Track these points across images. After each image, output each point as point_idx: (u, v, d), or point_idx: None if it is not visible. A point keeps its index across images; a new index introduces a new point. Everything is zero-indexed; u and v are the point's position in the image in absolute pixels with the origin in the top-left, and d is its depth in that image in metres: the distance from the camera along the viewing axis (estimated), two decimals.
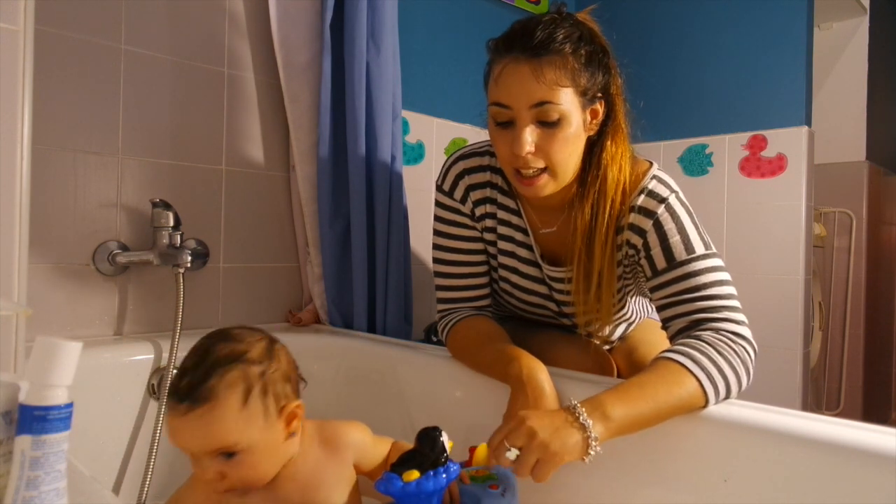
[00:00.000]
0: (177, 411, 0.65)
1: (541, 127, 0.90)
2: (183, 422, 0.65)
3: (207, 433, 0.65)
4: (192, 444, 0.66)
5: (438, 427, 0.72)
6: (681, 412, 0.81)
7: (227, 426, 0.66)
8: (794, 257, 1.87)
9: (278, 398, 0.70)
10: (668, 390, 0.79)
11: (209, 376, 0.66)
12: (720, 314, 0.87)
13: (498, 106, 0.92)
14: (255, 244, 1.49)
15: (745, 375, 0.84)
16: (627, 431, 0.78)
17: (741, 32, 1.99)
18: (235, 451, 0.66)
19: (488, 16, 1.99)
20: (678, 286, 0.91)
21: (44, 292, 1.18)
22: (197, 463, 0.67)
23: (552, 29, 0.89)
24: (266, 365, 0.70)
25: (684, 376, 0.80)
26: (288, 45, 1.44)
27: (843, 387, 2.61)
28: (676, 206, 0.94)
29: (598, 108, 0.95)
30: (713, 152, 2.04)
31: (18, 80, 0.73)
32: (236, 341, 0.70)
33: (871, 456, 0.68)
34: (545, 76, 0.87)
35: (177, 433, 0.66)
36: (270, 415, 0.69)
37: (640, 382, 0.80)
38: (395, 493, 0.67)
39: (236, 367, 0.68)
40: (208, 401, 0.65)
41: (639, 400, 0.77)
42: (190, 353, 0.69)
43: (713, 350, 0.83)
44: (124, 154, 1.28)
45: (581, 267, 0.97)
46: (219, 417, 0.65)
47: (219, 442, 0.66)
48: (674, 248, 0.92)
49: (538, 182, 0.93)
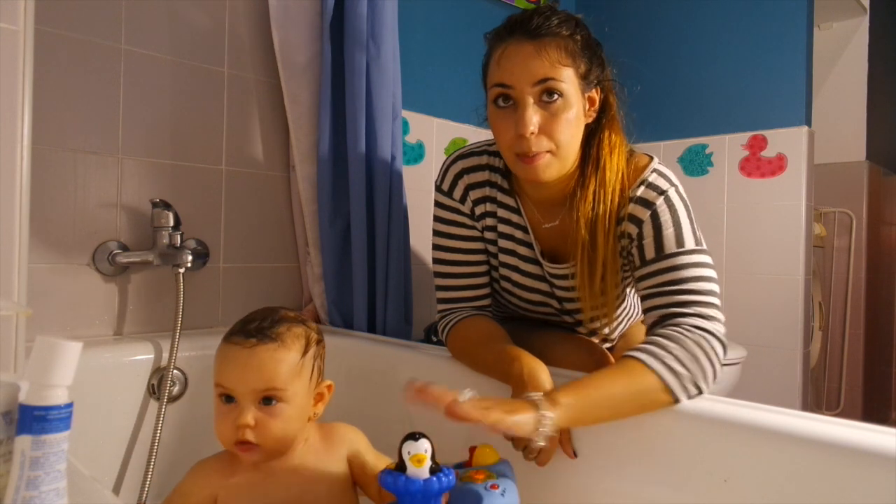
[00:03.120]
0: (242, 345, 0.70)
1: (543, 107, 0.91)
2: (247, 355, 0.70)
3: (266, 370, 0.70)
4: (246, 380, 0.70)
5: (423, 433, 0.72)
6: (644, 404, 0.83)
7: (285, 368, 0.71)
8: (794, 257, 1.87)
9: (320, 371, 0.77)
10: (623, 383, 0.83)
11: (278, 324, 0.73)
12: (690, 309, 0.89)
13: (500, 87, 0.92)
14: (255, 244, 1.49)
15: (710, 366, 0.85)
16: (582, 419, 0.82)
17: (741, 32, 1.99)
18: (280, 397, 0.70)
19: (488, 16, 1.99)
20: (660, 278, 0.92)
21: (44, 292, 1.18)
22: (230, 412, 0.70)
23: (549, 15, 0.92)
24: (321, 338, 0.79)
25: (640, 370, 0.83)
26: (288, 45, 1.44)
27: (843, 387, 2.61)
28: (675, 200, 0.95)
29: (595, 95, 0.97)
30: (713, 152, 2.04)
31: (18, 80, 0.73)
32: (298, 314, 0.79)
33: (871, 456, 0.68)
34: (548, 53, 0.89)
35: (234, 367, 0.70)
36: (312, 380, 0.75)
37: (592, 377, 0.85)
38: (400, 490, 0.67)
39: (301, 326, 0.76)
40: (275, 341, 0.71)
41: (589, 389, 0.82)
42: (252, 313, 0.76)
43: (666, 340, 0.85)
44: (124, 154, 1.28)
45: (585, 258, 0.98)
46: (281, 359, 0.71)
47: (272, 381, 0.70)
48: (665, 240, 0.93)
49: (540, 161, 0.92)
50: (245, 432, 0.69)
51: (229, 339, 0.72)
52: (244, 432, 0.69)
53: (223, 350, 0.73)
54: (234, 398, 0.71)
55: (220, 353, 0.73)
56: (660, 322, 0.90)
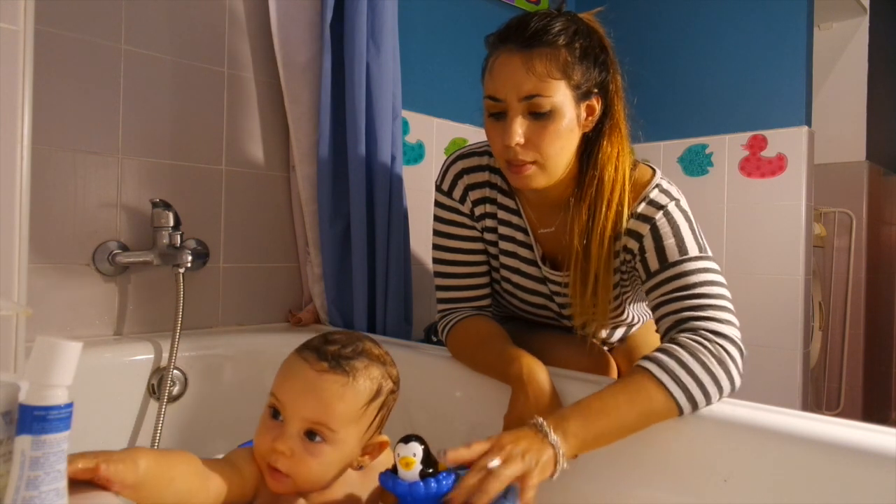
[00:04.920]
0: (311, 365, 0.65)
1: (532, 119, 0.90)
2: (312, 378, 0.64)
3: (323, 403, 0.64)
4: (299, 404, 0.64)
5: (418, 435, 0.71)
6: (651, 421, 0.80)
7: (343, 409, 0.64)
8: (794, 257, 1.87)
9: (382, 422, 0.70)
10: (632, 404, 0.79)
11: (357, 357, 0.66)
12: (704, 313, 0.86)
13: (490, 99, 0.92)
14: (255, 244, 1.49)
15: (726, 376, 0.81)
16: (591, 447, 0.78)
17: (741, 32, 1.99)
18: (326, 437, 0.65)
19: (488, 16, 1.99)
20: (668, 286, 0.90)
21: (44, 292, 1.18)
22: (273, 429, 0.65)
23: (547, 21, 0.90)
24: (395, 389, 0.71)
25: (650, 387, 0.79)
26: (288, 45, 1.44)
27: (843, 387, 2.61)
28: (675, 213, 0.94)
29: (595, 104, 0.94)
30: (713, 152, 2.04)
31: (18, 80, 0.73)
32: (383, 352, 0.71)
33: (871, 456, 0.68)
34: (535, 68, 0.88)
35: (293, 385, 0.65)
36: (370, 431, 0.69)
37: (602, 397, 0.80)
38: (402, 492, 0.67)
39: (380, 367, 0.69)
40: (347, 375, 0.65)
41: (599, 416, 0.78)
42: (336, 332, 0.70)
43: (686, 354, 0.81)
44: (124, 154, 1.28)
45: (578, 268, 0.97)
46: (344, 397, 0.64)
47: (324, 417, 0.64)
48: (667, 249, 0.91)
49: (526, 171, 0.92)
50: (279, 459, 0.64)
51: (302, 352, 0.67)
52: (278, 458, 0.64)
53: (291, 361, 0.67)
54: (281, 416, 0.65)
55: (286, 364, 0.67)
56: (675, 327, 0.87)
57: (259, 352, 1.34)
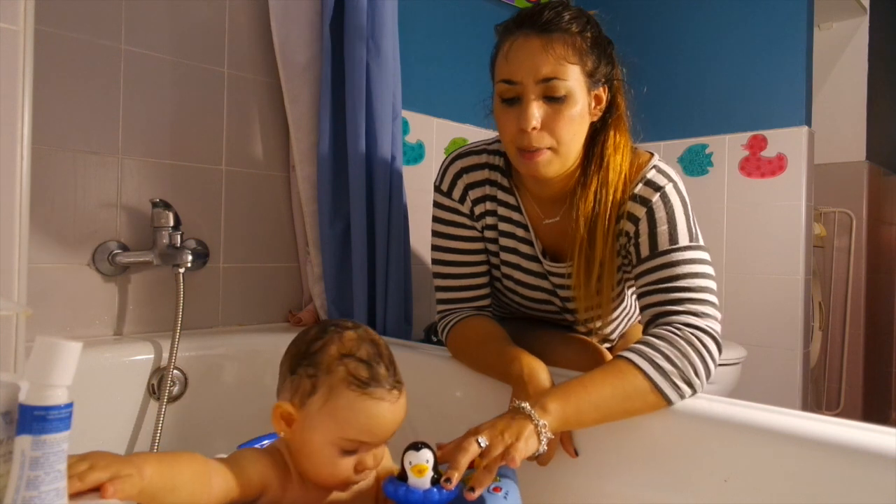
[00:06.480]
0: (390, 397, 0.68)
1: (547, 103, 0.91)
2: (396, 407, 0.69)
3: (402, 417, 0.70)
4: (394, 428, 0.69)
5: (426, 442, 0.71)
6: (634, 406, 0.82)
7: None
8: (794, 257, 1.87)
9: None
10: (611, 383, 0.82)
11: (395, 366, 0.72)
12: (682, 307, 0.88)
13: (506, 83, 0.92)
14: (255, 244, 1.49)
15: (698, 357, 0.84)
16: (573, 422, 0.82)
17: (741, 32, 1.99)
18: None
19: (488, 16, 1.99)
20: (654, 276, 0.92)
21: (44, 292, 1.18)
22: (358, 462, 0.68)
23: (560, 10, 0.92)
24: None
25: (626, 368, 0.83)
26: (288, 45, 1.44)
27: (843, 387, 2.61)
28: (671, 195, 0.95)
29: (602, 94, 0.96)
30: (713, 152, 2.04)
31: (18, 80, 0.73)
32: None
33: (871, 456, 0.68)
34: (555, 50, 0.89)
35: (387, 416, 0.68)
36: None
37: (581, 378, 0.84)
38: (400, 500, 0.67)
39: None
40: (403, 385, 0.71)
41: (577, 391, 0.82)
42: (357, 343, 0.70)
43: (660, 341, 0.85)
44: (124, 154, 1.28)
45: (583, 257, 0.98)
46: (405, 402, 0.71)
47: (398, 426, 0.70)
48: (659, 237, 0.93)
49: (541, 157, 0.92)
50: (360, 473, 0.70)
51: (372, 386, 0.68)
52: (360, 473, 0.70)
53: (368, 401, 0.67)
54: None
55: (369, 404, 0.68)
56: (653, 321, 0.91)
57: (259, 352, 1.34)
